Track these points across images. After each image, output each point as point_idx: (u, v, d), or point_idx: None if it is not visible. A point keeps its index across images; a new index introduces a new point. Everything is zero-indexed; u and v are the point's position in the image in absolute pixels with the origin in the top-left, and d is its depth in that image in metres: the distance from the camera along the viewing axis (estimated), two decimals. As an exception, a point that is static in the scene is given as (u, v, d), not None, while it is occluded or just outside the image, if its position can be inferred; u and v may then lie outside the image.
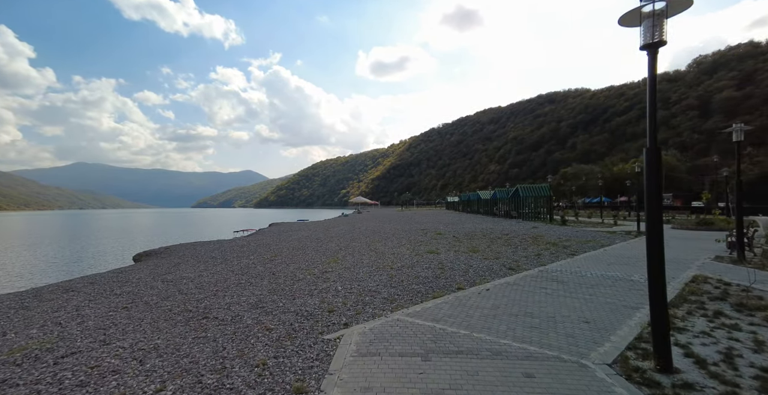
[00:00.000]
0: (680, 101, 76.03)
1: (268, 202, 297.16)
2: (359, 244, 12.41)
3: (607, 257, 8.88)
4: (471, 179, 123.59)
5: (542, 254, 9.36)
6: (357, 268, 7.91)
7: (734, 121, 10.02)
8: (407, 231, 17.16)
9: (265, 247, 12.47)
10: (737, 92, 65.57)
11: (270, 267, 8.37)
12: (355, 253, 10.22)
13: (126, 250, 16.12)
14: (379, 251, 10.40)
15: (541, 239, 12.62)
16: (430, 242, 12.39)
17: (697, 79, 79.65)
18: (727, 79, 71.01)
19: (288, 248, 12.05)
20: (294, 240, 14.37)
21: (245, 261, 9.44)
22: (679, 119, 71.64)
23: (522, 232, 15.54)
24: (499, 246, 11.18)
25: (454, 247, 11.09)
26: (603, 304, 4.92)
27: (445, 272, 7.29)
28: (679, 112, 73.46)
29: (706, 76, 78.36)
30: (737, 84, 67.94)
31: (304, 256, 9.99)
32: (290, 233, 17.89)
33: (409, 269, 7.58)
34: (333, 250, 11.02)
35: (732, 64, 75.12)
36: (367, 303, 5.21)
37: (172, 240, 20.15)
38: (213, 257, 10.45)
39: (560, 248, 10.58)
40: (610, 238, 12.98)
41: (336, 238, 14.79)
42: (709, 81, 75.04)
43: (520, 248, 10.58)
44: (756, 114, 59.21)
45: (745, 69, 70.49)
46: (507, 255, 9.31)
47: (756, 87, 63.70)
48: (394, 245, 11.96)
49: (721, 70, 76.26)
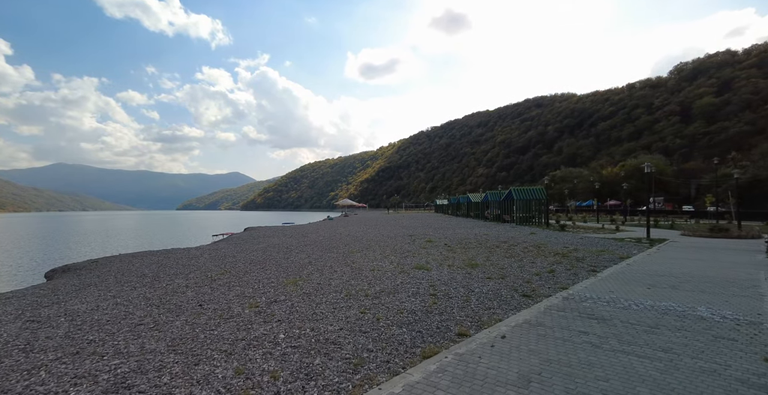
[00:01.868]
0: (662, 107, 77.61)
1: (255, 204, 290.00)
2: (334, 255, 10.31)
3: (637, 274, 7.12)
4: (459, 182, 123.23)
5: (556, 271, 7.54)
6: (320, 295, 5.86)
7: (714, 126, 8.62)
8: (393, 238, 15.20)
9: (219, 260, 10.21)
10: (716, 99, 67.27)
11: (202, 293, 6.20)
12: (325, 269, 8.14)
13: (49, 262, 13.34)
14: (355, 266, 8.37)
15: (545, 249, 10.93)
16: (419, 253, 10.47)
17: (678, 85, 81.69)
18: (706, 85, 72.92)
19: (246, 261, 9.84)
20: (258, 250, 12.11)
21: (178, 282, 7.22)
22: (662, 124, 72.94)
23: (521, 239, 13.91)
24: (499, 258, 9.44)
25: (448, 259, 9.21)
26: (695, 372, 3.05)
27: (438, 301, 5.33)
28: (662, 117, 74.87)
29: (686, 82, 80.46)
30: (716, 91, 69.79)
31: (259, 274, 7.82)
32: (260, 241, 15.53)
33: (390, 297, 5.59)
34: (299, 265, 8.87)
35: (711, 71, 77.36)
36: (314, 373, 3.18)
37: (123, 248, 17.48)
38: (142, 276, 8.16)
39: (572, 260, 8.84)
40: (623, 247, 11.36)
41: (310, 246, 12.60)
42: (689, 87, 76.97)
43: (527, 261, 8.80)
44: (734, 120, 60.72)
45: (723, 76, 72.57)
46: (514, 272, 7.46)
47: (734, 94, 65.47)
48: (376, 256, 9.96)
49: (700, 77, 78.43)
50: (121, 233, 30.11)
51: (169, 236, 26.68)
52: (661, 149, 64.22)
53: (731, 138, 56.29)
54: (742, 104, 61.55)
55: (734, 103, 63.10)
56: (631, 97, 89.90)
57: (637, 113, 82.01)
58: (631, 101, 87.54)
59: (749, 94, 62.08)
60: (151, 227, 41.94)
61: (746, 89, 63.59)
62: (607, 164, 64.05)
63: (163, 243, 19.57)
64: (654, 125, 75.32)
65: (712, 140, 60.09)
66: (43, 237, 26.86)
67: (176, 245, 17.03)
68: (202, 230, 31.51)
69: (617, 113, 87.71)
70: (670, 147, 64.47)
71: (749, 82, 64.62)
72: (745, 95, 62.40)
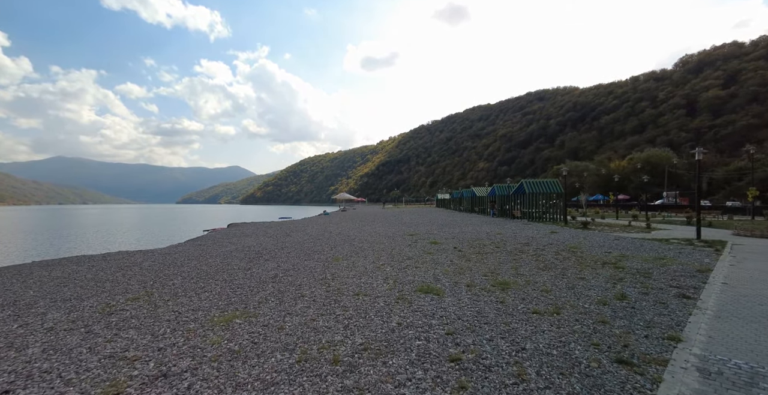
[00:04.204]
0: (667, 100, 76.36)
1: (255, 198, 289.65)
2: (312, 265, 7.95)
3: (763, 304, 4.61)
4: (460, 177, 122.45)
5: (628, 296, 5.10)
6: (255, 356, 3.26)
7: (720, 119, 7.64)
8: (391, 237, 13.30)
9: (155, 272, 7.60)
10: (722, 91, 66.04)
11: (60, 344, 3.65)
12: (288, 292, 5.61)
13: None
14: (334, 287, 5.91)
15: (583, 255, 8.73)
16: (423, 261, 8.19)
17: (683, 78, 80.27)
18: (712, 78, 71.61)
19: (190, 273, 7.28)
20: (219, 255, 9.72)
21: (52, 316, 4.60)
22: (667, 118, 71.85)
23: (544, 240, 11.75)
24: (532, 269, 7.02)
25: (462, 273, 6.79)
26: None
27: (469, 381, 2.71)
28: (667, 110, 73.70)
29: (692, 75, 79.03)
30: (722, 83, 68.51)
31: (189, 300, 5.33)
32: (230, 242, 13.22)
33: (378, 369, 2.94)
34: (258, 282, 6.40)
35: (717, 63, 75.91)
36: None
37: (85, 247, 15.77)
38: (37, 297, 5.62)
39: (635, 275, 6.43)
40: (682, 253, 8.89)
41: (287, 250, 10.39)
42: (695, 80, 75.62)
43: (572, 276, 6.36)
44: (741, 113, 59.64)
45: (729, 69, 71.20)
46: (567, 299, 4.99)
47: (740, 87, 64.23)
48: (367, 267, 7.54)
49: (706, 69, 76.98)
50: (103, 229, 29.06)
51: (152, 232, 25.60)
52: (665, 142, 63.24)
53: (738, 131, 55.37)
54: (749, 96, 60.39)
55: (741, 95, 61.94)
56: (635, 90, 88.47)
57: (642, 107, 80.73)
58: (635, 94, 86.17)
59: (756, 87, 60.84)
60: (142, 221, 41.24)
61: (753, 81, 62.31)
62: (614, 158, 63.17)
63: (138, 241, 18.17)
64: (658, 119, 74.15)
65: (718, 133, 59.13)
66: (22, 231, 26.23)
67: (152, 244, 15.57)
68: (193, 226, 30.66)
69: (621, 106, 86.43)
70: (674, 141, 63.49)
71: (756, 75, 63.30)
72: (753, 88, 61.15)
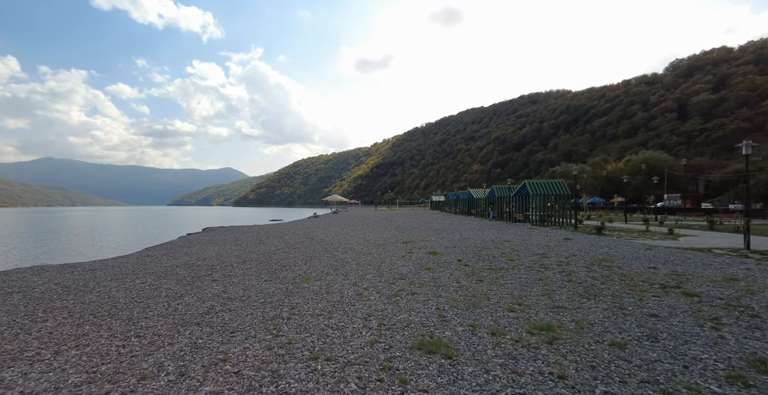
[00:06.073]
0: (659, 103, 76.97)
1: (248, 200, 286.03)
2: (272, 290, 5.85)
3: None
4: (454, 179, 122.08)
5: (748, 379, 2.64)
6: None
7: (711, 123, 6.88)
8: (382, 246, 11.58)
9: (33, 305, 5.24)
10: (713, 95, 66.69)
11: None
12: (198, 359, 3.18)
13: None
14: (280, 343, 3.50)
15: (623, 273, 6.72)
16: (420, 283, 6.09)
17: (674, 82, 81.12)
18: (702, 82, 72.39)
19: (72, 312, 4.85)
20: (159, 272, 7.82)
21: None
22: (658, 121, 72.33)
23: (561, 250, 9.96)
24: (572, 298, 5.05)
25: (477, 303, 4.82)
26: None
27: None
28: (658, 114, 74.23)
29: (682, 79, 79.87)
30: (712, 87, 69.24)
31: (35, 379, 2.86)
32: (187, 251, 11.68)
33: None
34: (169, 327, 4.11)
35: (707, 68, 76.85)
36: None
37: (58, 252, 14.96)
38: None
39: (730, 310, 4.39)
40: (756, 270, 6.94)
41: (248, 264, 8.55)
42: (685, 84, 76.40)
43: (638, 312, 4.35)
44: (731, 117, 60.17)
45: (719, 73, 72.05)
46: (670, 370, 2.80)
47: (730, 91, 64.93)
48: (344, 294, 5.49)
49: (696, 73, 77.86)
50: (81, 232, 27.56)
51: (129, 236, 24.15)
52: (657, 145, 63.48)
53: (728, 135, 55.72)
54: (739, 100, 61.03)
55: (731, 100, 62.58)
56: (627, 93, 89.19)
57: (633, 110, 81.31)
58: (627, 98, 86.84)
59: (746, 91, 61.54)
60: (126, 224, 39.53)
61: (743, 86, 63.05)
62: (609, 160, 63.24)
63: (103, 248, 16.49)
64: (650, 122, 74.71)
65: (709, 136, 59.49)
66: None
67: (115, 251, 14.28)
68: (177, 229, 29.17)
69: (613, 109, 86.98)
70: (667, 144, 63.81)
71: (746, 79, 64.07)
72: (742, 92, 61.85)
